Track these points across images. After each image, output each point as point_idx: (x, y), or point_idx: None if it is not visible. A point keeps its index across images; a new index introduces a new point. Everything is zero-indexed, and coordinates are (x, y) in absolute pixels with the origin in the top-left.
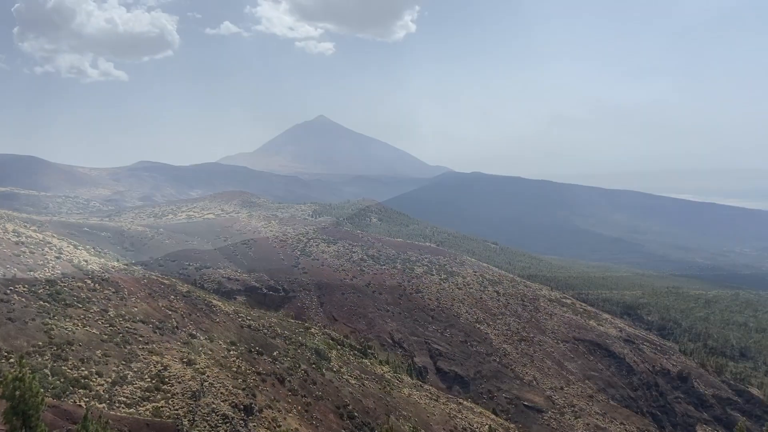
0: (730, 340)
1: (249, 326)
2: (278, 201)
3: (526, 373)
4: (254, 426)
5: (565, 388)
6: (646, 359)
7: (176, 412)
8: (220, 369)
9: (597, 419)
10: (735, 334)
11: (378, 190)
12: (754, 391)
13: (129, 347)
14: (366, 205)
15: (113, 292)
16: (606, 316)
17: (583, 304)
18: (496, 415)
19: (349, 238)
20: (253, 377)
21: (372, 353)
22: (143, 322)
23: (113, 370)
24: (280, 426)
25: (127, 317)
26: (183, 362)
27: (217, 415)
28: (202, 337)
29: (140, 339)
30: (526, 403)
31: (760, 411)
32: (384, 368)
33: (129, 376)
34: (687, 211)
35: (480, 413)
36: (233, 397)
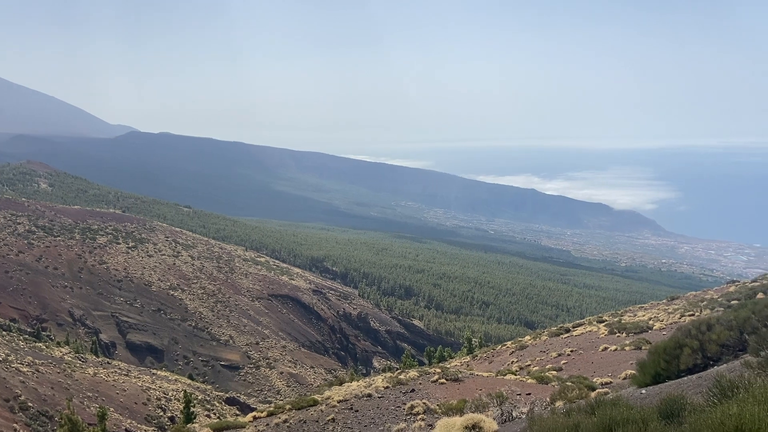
0: (398, 281)
1: None
2: None
3: (223, 333)
4: None
5: (261, 343)
6: (332, 306)
7: None
8: None
9: (290, 367)
10: (401, 275)
11: (46, 151)
12: (417, 322)
13: None
14: (31, 169)
15: None
16: (297, 270)
17: (277, 261)
18: (193, 379)
19: (11, 207)
20: None
21: (48, 335)
22: None
23: None
24: None
25: None
26: None
27: None
28: None
29: None
30: (222, 362)
31: (422, 339)
32: (63, 350)
33: None
34: (363, 171)
35: (176, 380)
36: None
